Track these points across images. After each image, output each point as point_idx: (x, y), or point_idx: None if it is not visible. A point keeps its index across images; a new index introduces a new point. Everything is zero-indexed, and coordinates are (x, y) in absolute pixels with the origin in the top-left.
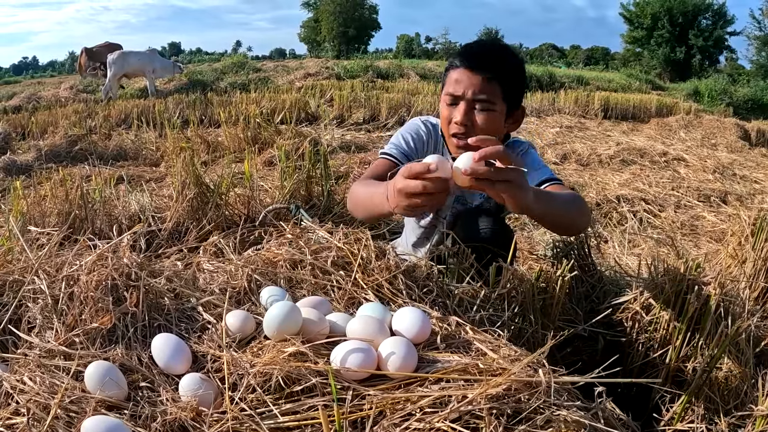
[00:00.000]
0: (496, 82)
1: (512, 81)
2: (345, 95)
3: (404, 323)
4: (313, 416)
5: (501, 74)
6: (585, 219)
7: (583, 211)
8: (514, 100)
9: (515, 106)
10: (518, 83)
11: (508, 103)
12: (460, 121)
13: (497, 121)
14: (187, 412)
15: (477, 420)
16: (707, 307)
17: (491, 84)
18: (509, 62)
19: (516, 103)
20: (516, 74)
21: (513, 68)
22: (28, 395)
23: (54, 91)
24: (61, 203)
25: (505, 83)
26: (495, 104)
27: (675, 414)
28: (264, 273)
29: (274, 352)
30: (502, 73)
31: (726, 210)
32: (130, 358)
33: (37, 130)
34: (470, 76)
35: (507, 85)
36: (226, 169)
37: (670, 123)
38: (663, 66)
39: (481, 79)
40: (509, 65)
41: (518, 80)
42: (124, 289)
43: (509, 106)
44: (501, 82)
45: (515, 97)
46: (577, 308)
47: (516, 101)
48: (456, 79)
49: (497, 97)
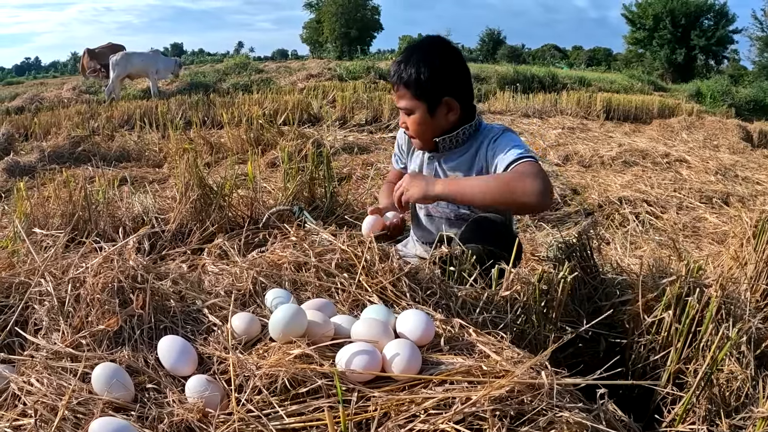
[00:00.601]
0: (404, 87)
1: (416, 81)
2: (347, 96)
3: (408, 325)
4: (319, 417)
5: (404, 79)
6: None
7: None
8: (430, 95)
9: (437, 99)
10: (426, 80)
11: (425, 99)
12: (401, 125)
13: (422, 121)
14: (194, 414)
15: (480, 421)
16: (709, 308)
17: (401, 91)
18: (411, 64)
19: (435, 96)
20: (420, 72)
21: (415, 69)
22: (35, 397)
23: (57, 91)
24: (64, 204)
25: (410, 85)
26: (412, 108)
27: (676, 416)
28: (269, 275)
29: (279, 354)
30: (405, 77)
31: (728, 212)
32: (137, 359)
33: (40, 131)
34: (394, 89)
35: (412, 86)
36: (229, 171)
37: (672, 124)
38: (665, 67)
39: (396, 90)
40: (411, 67)
41: (425, 77)
42: (130, 291)
43: (429, 102)
44: (407, 86)
45: (429, 91)
46: (579, 309)
47: (433, 95)
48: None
49: (410, 100)
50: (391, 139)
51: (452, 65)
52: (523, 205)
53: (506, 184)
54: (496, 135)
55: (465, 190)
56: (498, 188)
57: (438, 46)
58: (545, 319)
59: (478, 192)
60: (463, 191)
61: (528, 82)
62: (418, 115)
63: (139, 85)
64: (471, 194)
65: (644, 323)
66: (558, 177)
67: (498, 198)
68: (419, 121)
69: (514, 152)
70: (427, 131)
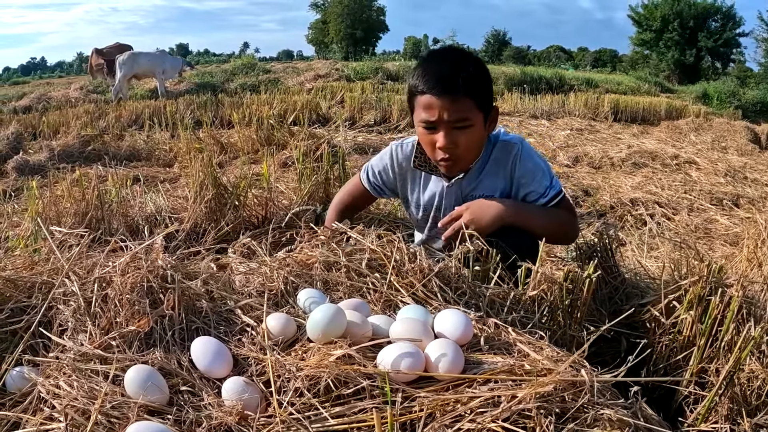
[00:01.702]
0: (466, 96)
1: (480, 88)
2: (356, 97)
3: (447, 325)
4: (362, 419)
5: (467, 87)
6: (571, 237)
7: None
8: (487, 105)
9: (489, 110)
10: (485, 87)
11: (484, 111)
12: (443, 145)
13: (478, 135)
14: (233, 417)
15: (526, 420)
16: (730, 308)
17: (462, 101)
18: (471, 71)
19: (489, 107)
20: (481, 79)
21: (476, 75)
22: (65, 400)
23: (64, 91)
24: (77, 204)
25: (475, 93)
26: (472, 119)
27: (699, 415)
28: (299, 275)
29: (320, 355)
30: (468, 85)
31: (738, 213)
32: (170, 361)
33: (49, 130)
34: (440, 100)
35: (476, 94)
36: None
37: (680, 126)
38: (671, 68)
39: (451, 100)
40: (472, 74)
41: (484, 84)
42: (159, 291)
43: (486, 113)
44: (470, 94)
45: (487, 101)
46: (601, 309)
47: (489, 105)
48: (426, 105)
49: (472, 110)
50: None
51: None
52: (562, 242)
53: (562, 227)
54: (519, 153)
55: (530, 223)
56: (556, 229)
57: (469, 52)
58: (570, 319)
59: (539, 227)
60: (529, 224)
61: (535, 84)
62: (476, 128)
63: (146, 85)
64: (533, 227)
65: (666, 323)
66: (569, 178)
67: (551, 236)
68: (476, 136)
69: (542, 186)
70: (478, 149)
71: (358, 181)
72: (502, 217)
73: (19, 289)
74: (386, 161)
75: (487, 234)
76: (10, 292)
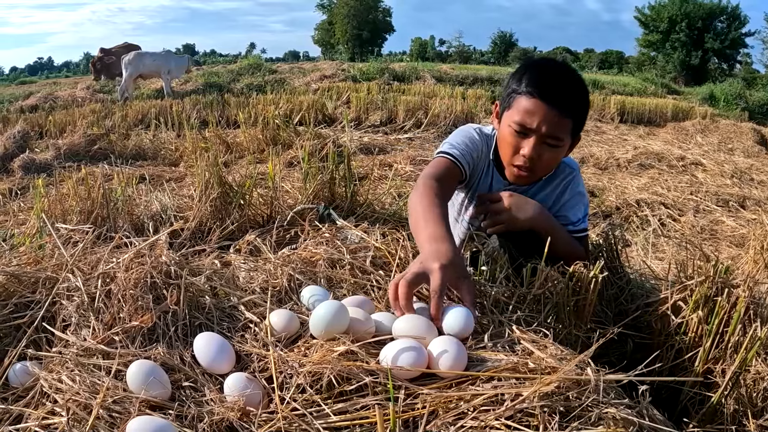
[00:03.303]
0: (569, 118)
1: (582, 115)
2: (362, 97)
3: (448, 320)
4: (364, 415)
5: (574, 110)
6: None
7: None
8: (578, 132)
9: (578, 136)
10: (585, 115)
11: (573, 137)
12: (528, 154)
13: (561, 156)
14: (235, 413)
15: (529, 418)
16: (736, 309)
17: (564, 120)
18: (582, 96)
19: (579, 133)
20: (585, 107)
21: (584, 101)
22: (67, 395)
23: (70, 91)
24: (83, 202)
25: (576, 118)
26: (564, 140)
27: (704, 416)
28: (303, 272)
29: (323, 351)
30: (575, 108)
31: (745, 215)
32: (172, 357)
33: (55, 129)
34: (546, 110)
35: (577, 120)
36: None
37: (687, 127)
38: (678, 70)
39: (556, 114)
40: (582, 99)
41: (586, 112)
42: (163, 287)
43: (574, 138)
44: (573, 117)
45: (581, 128)
46: (606, 310)
47: (580, 132)
48: (528, 109)
49: (567, 133)
50: (407, 141)
51: None
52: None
53: (574, 254)
54: (573, 178)
55: (555, 237)
56: (568, 256)
57: (580, 75)
58: (576, 319)
59: (560, 246)
60: (554, 238)
61: None
62: (563, 150)
63: (152, 84)
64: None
65: (672, 323)
66: None
67: (561, 255)
68: (559, 157)
69: (578, 216)
70: (553, 168)
71: (441, 160)
72: (538, 221)
73: (23, 285)
74: (474, 135)
75: (517, 230)
76: (14, 287)
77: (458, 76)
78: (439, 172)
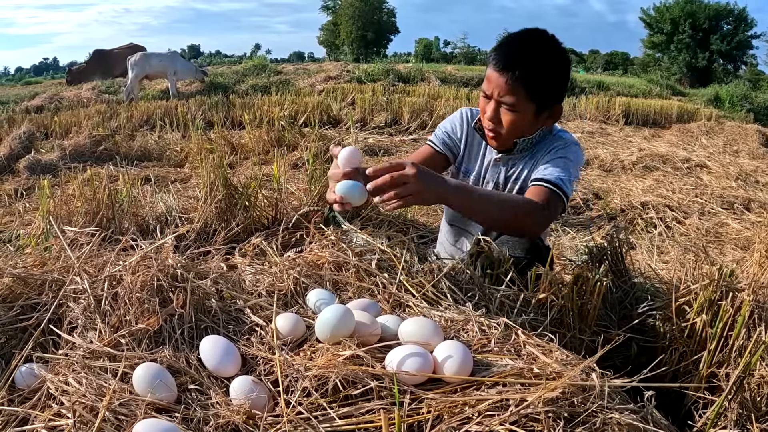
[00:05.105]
0: (520, 83)
1: (539, 81)
2: (367, 99)
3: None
4: (369, 420)
5: (526, 75)
6: (528, 223)
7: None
8: (544, 99)
9: (548, 104)
10: (548, 81)
11: (537, 102)
12: (489, 117)
13: (522, 122)
14: (241, 416)
15: (534, 423)
16: (741, 313)
17: (515, 86)
18: (537, 61)
19: (548, 101)
20: (545, 72)
21: (542, 67)
22: (73, 397)
23: (76, 91)
24: (88, 203)
25: (531, 84)
26: (518, 106)
27: (708, 420)
28: (309, 275)
29: (329, 355)
30: (528, 73)
31: (750, 217)
32: (178, 360)
33: (60, 130)
34: (497, 76)
35: (532, 85)
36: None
37: (692, 129)
38: (683, 71)
39: (505, 81)
40: (537, 64)
41: (549, 78)
42: (169, 290)
43: (539, 105)
44: (525, 83)
45: (545, 95)
46: (611, 314)
47: (547, 99)
48: (488, 76)
49: (521, 98)
50: (412, 142)
51: (567, 69)
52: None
53: (514, 216)
54: (559, 146)
55: (473, 207)
56: (502, 220)
57: (555, 44)
58: (580, 322)
59: (480, 215)
60: (471, 209)
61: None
62: (522, 115)
63: (158, 85)
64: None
65: (676, 327)
66: (580, 181)
67: (498, 227)
68: (519, 122)
69: (550, 172)
70: (519, 132)
71: (423, 147)
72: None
73: (30, 287)
74: (455, 118)
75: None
76: (21, 289)
77: (463, 78)
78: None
